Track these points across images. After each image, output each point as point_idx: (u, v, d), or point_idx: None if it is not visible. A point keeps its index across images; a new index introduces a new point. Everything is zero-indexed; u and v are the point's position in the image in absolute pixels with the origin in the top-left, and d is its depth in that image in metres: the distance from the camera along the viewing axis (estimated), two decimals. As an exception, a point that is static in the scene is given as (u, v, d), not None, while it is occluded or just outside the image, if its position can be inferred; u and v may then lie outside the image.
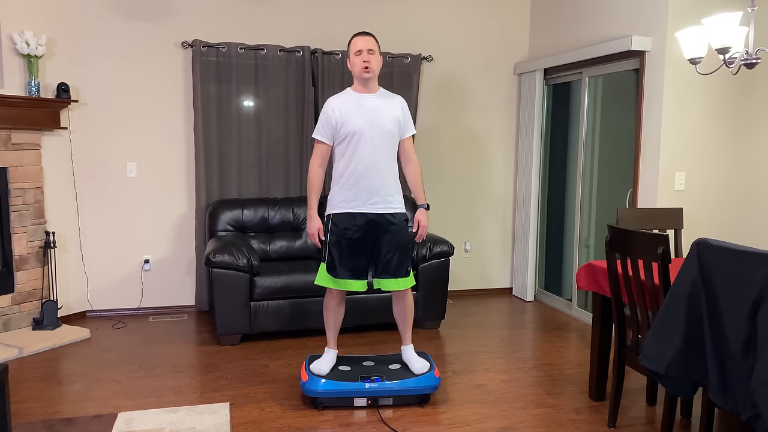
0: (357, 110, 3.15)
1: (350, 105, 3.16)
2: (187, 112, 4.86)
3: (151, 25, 4.73)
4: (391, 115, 3.20)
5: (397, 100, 3.28)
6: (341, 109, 3.15)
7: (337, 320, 3.36)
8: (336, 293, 3.30)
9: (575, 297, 5.01)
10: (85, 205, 4.74)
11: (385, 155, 3.18)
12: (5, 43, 4.15)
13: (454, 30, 5.38)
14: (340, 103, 3.18)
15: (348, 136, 3.14)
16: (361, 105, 3.16)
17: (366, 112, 3.15)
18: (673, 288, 2.35)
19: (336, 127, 3.16)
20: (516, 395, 3.39)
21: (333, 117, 3.16)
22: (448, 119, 5.44)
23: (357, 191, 3.17)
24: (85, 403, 3.22)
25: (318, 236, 3.25)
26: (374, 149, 3.15)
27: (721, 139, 4.16)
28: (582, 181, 4.90)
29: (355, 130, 3.13)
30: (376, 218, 3.20)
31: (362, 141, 3.13)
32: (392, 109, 3.21)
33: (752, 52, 2.89)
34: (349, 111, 3.15)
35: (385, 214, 3.21)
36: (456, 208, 5.56)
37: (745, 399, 2.14)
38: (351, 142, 3.15)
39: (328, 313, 3.34)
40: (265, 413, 3.13)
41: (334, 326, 3.36)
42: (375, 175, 3.16)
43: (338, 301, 3.33)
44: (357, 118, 3.13)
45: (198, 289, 4.94)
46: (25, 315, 4.35)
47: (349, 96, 3.21)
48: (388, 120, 3.18)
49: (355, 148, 3.14)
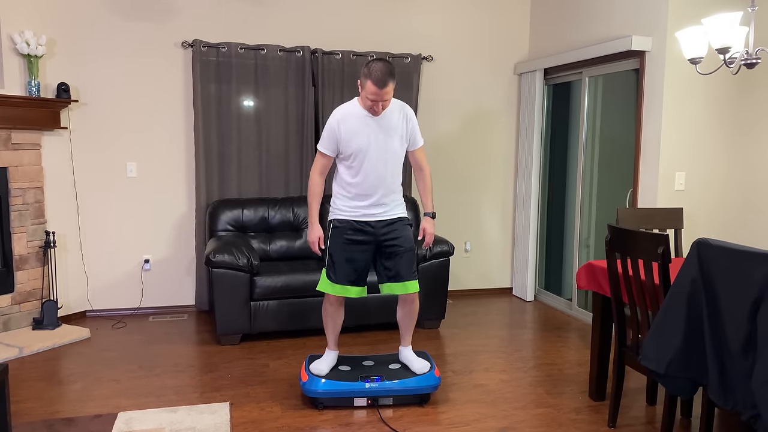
0: (362, 128, 3.10)
1: (356, 121, 3.10)
2: (187, 112, 4.86)
3: (151, 25, 4.73)
4: (397, 132, 3.16)
5: (402, 113, 3.20)
6: (347, 126, 3.10)
7: (336, 324, 3.35)
8: (334, 299, 3.29)
9: (575, 297, 5.01)
10: (85, 205, 4.74)
11: (389, 171, 3.16)
12: (5, 43, 4.15)
13: (454, 30, 5.38)
14: (345, 119, 3.11)
15: (353, 153, 3.11)
16: (366, 123, 3.11)
17: (371, 130, 3.11)
18: (673, 288, 2.35)
19: (340, 142, 3.12)
20: (516, 395, 3.39)
21: (338, 132, 3.11)
22: (448, 119, 5.44)
23: (360, 202, 3.16)
24: (85, 403, 3.22)
25: (318, 245, 3.24)
26: (379, 166, 3.13)
27: (721, 139, 4.16)
28: (582, 181, 4.90)
29: (360, 148, 3.10)
30: (379, 225, 3.19)
31: (367, 159, 3.11)
32: (397, 125, 3.16)
33: (752, 52, 2.89)
34: (354, 128, 3.10)
35: (387, 221, 3.21)
36: (456, 208, 5.56)
37: (745, 399, 2.14)
38: (356, 159, 3.12)
39: (326, 317, 3.34)
40: (265, 413, 3.13)
41: (333, 329, 3.35)
42: (379, 189, 3.15)
43: (336, 306, 3.32)
44: (362, 137, 3.09)
45: (198, 289, 4.94)
46: (25, 315, 4.35)
47: (355, 109, 3.13)
48: (393, 137, 3.15)
49: (360, 165, 3.12)
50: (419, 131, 3.28)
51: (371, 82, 2.97)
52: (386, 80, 2.97)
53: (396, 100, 3.21)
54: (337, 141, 3.12)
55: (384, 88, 2.97)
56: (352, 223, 3.18)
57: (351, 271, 3.20)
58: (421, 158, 3.33)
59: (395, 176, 3.21)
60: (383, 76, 2.96)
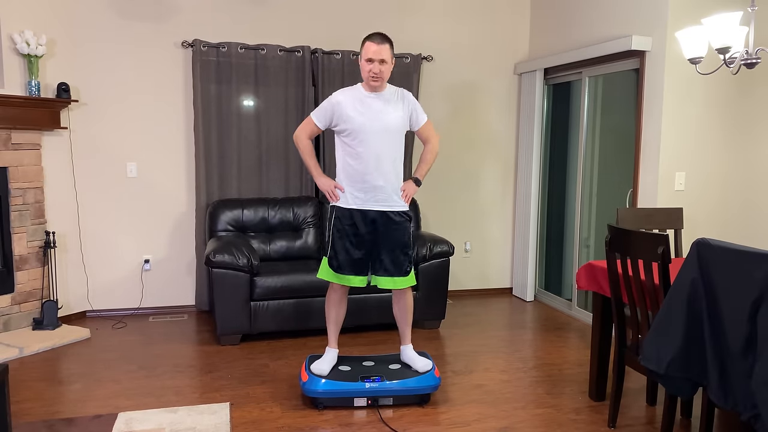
0: (361, 109, 3.15)
1: (355, 103, 3.16)
2: (187, 112, 4.86)
3: (151, 25, 4.73)
4: (395, 116, 3.20)
5: (400, 95, 3.26)
6: (344, 106, 3.16)
7: (338, 316, 3.37)
8: (338, 287, 3.32)
9: (575, 297, 5.01)
10: (85, 205, 4.74)
11: (389, 154, 3.19)
12: (5, 43, 4.15)
13: (454, 30, 5.37)
14: (345, 100, 3.18)
15: (351, 133, 3.15)
16: (366, 104, 3.16)
17: (370, 112, 3.15)
18: (673, 288, 2.34)
19: (333, 120, 3.20)
20: (516, 395, 3.39)
21: (333, 111, 3.18)
22: (448, 119, 5.44)
23: (361, 187, 3.18)
24: (85, 403, 3.22)
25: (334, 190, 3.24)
26: (378, 148, 3.16)
27: (721, 139, 4.16)
28: (582, 181, 4.90)
29: (358, 128, 3.14)
30: (379, 216, 3.22)
31: (366, 140, 3.14)
32: (396, 109, 3.21)
33: (752, 52, 2.89)
34: (352, 109, 3.15)
35: (388, 212, 3.23)
36: (456, 208, 5.56)
37: (745, 399, 2.14)
38: (354, 140, 3.16)
39: (329, 307, 3.36)
40: (265, 413, 3.13)
41: (335, 322, 3.36)
42: (379, 173, 3.17)
43: (340, 295, 3.34)
44: (360, 118, 3.14)
45: (198, 289, 4.94)
46: (25, 315, 4.35)
47: (356, 93, 3.21)
48: (392, 120, 3.19)
49: (359, 146, 3.15)
50: (421, 108, 3.33)
51: (369, 41, 3.12)
52: (383, 39, 3.12)
53: (394, 86, 3.27)
54: (332, 115, 3.19)
55: (381, 44, 3.10)
56: (354, 212, 3.21)
57: (352, 261, 3.23)
58: (429, 133, 3.37)
59: (396, 161, 3.23)
60: (380, 36, 3.13)
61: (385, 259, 3.24)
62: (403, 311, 3.38)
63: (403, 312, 3.38)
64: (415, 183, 3.33)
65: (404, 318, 3.39)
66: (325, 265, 3.28)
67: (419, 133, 3.37)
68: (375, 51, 3.09)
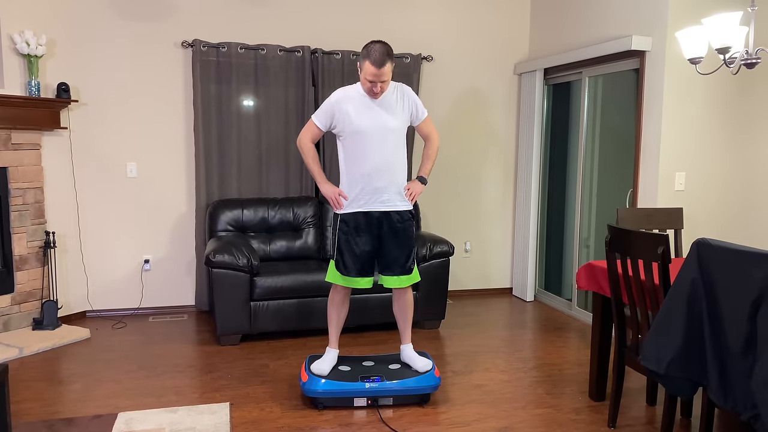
0: (362, 109, 3.15)
1: (356, 101, 3.16)
2: (187, 112, 4.86)
3: (151, 24, 4.73)
4: (396, 114, 3.19)
5: (399, 91, 3.24)
6: (346, 103, 3.15)
7: (340, 317, 3.37)
8: (341, 289, 3.32)
9: (575, 297, 5.01)
10: (85, 205, 4.74)
11: (391, 154, 3.19)
12: (5, 43, 4.15)
13: (454, 30, 5.37)
14: (346, 95, 3.17)
15: (353, 134, 3.15)
16: (366, 105, 3.15)
17: (371, 112, 3.15)
18: (673, 288, 2.34)
19: (335, 118, 3.18)
20: (516, 395, 3.39)
21: (334, 111, 3.17)
22: (448, 119, 5.44)
23: (364, 189, 3.18)
24: (85, 403, 3.22)
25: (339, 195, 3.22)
26: (380, 149, 3.15)
27: (721, 139, 4.16)
28: (582, 181, 4.90)
29: (359, 129, 3.13)
30: (383, 216, 3.22)
31: (367, 141, 3.14)
32: (396, 107, 3.20)
33: (752, 52, 2.89)
34: (353, 106, 3.15)
35: (391, 213, 3.23)
36: (456, 208, 5.56)
37: (745, 399, 2.14)
38: (356, 141, 3.15)
39: (332, 308, 3.36)
40: (265, 413, 3.13)
41: (337, 323, 3.36)
42: (382, 174, 3.17)
43: (343, 296, 3.35)
44: (361, 118, 3.14)
45: (198, 289, 4.94)
46: (25, 315, 4.35)
47: (356, 90, 3.19)
48: (393, 119, 3.18)
49: (361, 148, 3.15)
50: (421, 103, 3.31)
51: (369, 62, 3.02)
52: (384, 60, 3.01)
53: (393, 82, 3.23)
54: (333, 116, 3.18)
55: (382, 67, 3.02)
56: (359, 215, 3.21)
57: (360, 263, 3.24)
58: (429, 129, 3.36)
59: (398, 159, 3.22)
60: (381, 57, 3.01)
61: (391, 259, 3.25)
62: (403, 309, 3.39)
63: (403, 310, 3.39)
64: (420, 182, 3.32)
65: (404, 316, 3.39)
66: (332, 269, 3.29)
67: (419, 129, 3.35)
68: (375, 74, 3.03)
